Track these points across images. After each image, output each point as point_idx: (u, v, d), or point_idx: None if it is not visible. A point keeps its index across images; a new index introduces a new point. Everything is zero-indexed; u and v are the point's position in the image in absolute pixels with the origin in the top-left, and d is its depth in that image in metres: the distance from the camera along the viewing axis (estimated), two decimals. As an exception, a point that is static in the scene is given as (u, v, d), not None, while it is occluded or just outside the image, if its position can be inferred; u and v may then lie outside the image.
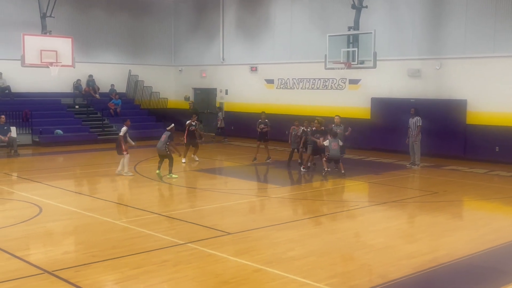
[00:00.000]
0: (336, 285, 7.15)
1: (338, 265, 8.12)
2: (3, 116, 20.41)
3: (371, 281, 7.41)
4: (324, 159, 15.75)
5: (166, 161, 15.05)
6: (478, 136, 18.63)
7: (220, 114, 25.94)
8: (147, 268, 7.72)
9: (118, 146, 15.42)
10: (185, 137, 17.89)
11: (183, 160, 17.45)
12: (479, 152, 18.66)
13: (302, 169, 16.28)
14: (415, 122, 17.27)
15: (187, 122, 18.07)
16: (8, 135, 20.01)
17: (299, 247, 8.87)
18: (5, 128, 20.20)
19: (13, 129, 20.63)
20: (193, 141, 17.96)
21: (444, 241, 9.55)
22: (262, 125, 18.12)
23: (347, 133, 16.92)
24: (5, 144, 20.04)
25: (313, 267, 7.88)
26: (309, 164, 16.50)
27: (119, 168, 15.52)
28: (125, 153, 15.28)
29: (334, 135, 15.79)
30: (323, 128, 16.22)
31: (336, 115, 17.36)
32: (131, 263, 7.93)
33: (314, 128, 16.31)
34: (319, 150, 16.13)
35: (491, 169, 17.26)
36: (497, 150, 18.35)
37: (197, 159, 18.11)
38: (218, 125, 25.95)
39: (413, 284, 7.46)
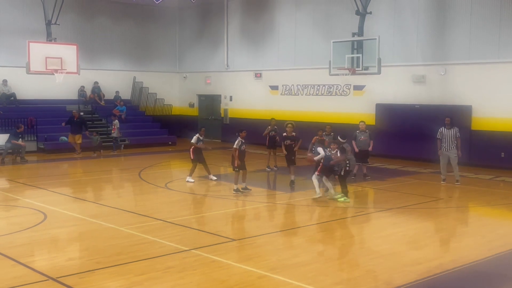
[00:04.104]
0: (341, 292, 7.12)
1: (343, 271, 8.09)
2: (21, 125, 20.76)
3: (376, 287, 7.38)
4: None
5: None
6: (484, 142, 18.56)
7: (116, 122, 23.22)
8: (151, 274, 7.70)
9: (232, 161, 13.86)
10: (191, 153, 15.83)
11: (191, 180, 15.76)
12: (485, 158, 18.58)
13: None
14: (454, 133, 15.18)
15: (195, 137, 15.82)
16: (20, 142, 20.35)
17: (303, 253, 8.84)
18: (20, 136, 20.44)
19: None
20: (201, 157, 16.00)
21: (450, 247, 9.50)
22: (273, 132, 18.15)
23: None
24: (11, 151, 20.13)
25: (318, 273, 7.84)
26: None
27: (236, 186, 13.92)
28: (237, 169, 13.76)
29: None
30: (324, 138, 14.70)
31: (361, 121, 16.63)
32: (135, 269, 7.91)
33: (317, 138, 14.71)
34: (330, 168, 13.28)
35: (497, 175, 17.17)
36: (502, 156, 18.28)
37: (214, 178, 16.10)
38: (112, 135, 23.14)
39: (419, 290, 7.42)
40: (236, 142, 13.82)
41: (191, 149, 15.87)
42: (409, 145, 20.06)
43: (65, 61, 20.27)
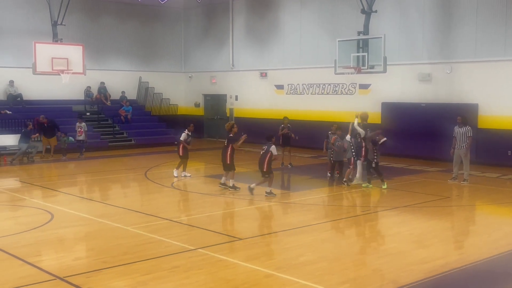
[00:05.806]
0: (347, 291, 7.12)
1: (350, 270, 8.08)
2: (30, 123, 20.97)
3: (382, 286, 7.37)
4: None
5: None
6: (490, 140, 18.48)
7: (83, 124, 21.75)
8: (158, 274, 7.72)
9: (261, 164, 13.61)
10: (181, 150, 16.10)
11: (188, 174, 16.39)
12: (491, 156, 18.51)
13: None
14: (465, 132, 15.05)
15: (184, 133, 16.14)
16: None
17: (310, 252, 8.84)
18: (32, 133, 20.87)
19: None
20: (187, 154, 16.28)
21: (456, 246, 9.47)
22: (286, 130, 18.23)
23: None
24: (31, 151, 20.44)
25: (324, 272, 7.84)
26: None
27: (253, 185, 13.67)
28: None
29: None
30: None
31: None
32: (142, 269, 7.94)
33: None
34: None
35: (503, 173, 17.11)
36: (509, 154, 18.20)
37: (188, 174, 16.44)
38: (78, 137, 21.62)
39: (425, 289, 7.40)
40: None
41: (180, 145, 16.04)
42: (415, 144, 20.01)
43: (71, 61, 20.36)
